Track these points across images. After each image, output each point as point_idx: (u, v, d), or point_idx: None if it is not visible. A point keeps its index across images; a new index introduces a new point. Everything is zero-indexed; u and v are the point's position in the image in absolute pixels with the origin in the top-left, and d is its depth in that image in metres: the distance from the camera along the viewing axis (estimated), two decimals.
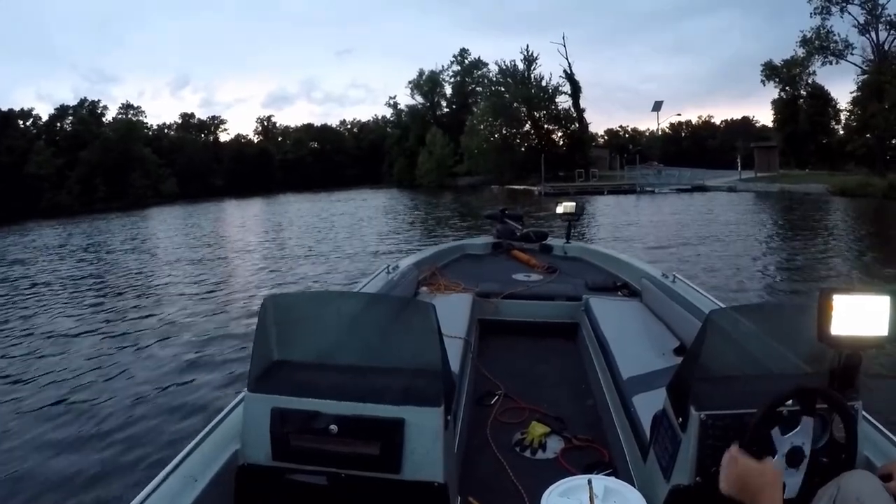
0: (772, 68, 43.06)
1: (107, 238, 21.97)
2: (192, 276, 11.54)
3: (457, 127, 54.33)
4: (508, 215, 5.70)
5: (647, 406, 1.94)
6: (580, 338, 3.51)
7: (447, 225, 19.69)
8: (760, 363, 1.56)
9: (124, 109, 62.33)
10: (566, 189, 33.60)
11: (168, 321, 7.66)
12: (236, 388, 4.21)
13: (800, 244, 12.80)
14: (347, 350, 1.70)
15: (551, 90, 51.24)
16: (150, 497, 1.37)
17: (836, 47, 36.55)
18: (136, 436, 4.22)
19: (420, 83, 64.06)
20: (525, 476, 2.10)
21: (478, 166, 50.22)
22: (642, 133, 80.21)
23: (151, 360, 6.03)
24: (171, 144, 63.11)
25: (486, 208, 12.64)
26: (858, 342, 1.37)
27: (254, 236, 19.59)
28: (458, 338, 2.80)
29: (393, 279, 3.65)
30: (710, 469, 1.40)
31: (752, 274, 9.67)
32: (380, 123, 73.59)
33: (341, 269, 11.34)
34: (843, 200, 23.98)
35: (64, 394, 5.14)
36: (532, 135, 51.59)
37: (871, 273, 9.45)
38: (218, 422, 1.71)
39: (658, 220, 19.34)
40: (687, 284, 3.34)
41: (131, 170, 50.72)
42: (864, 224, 17.23)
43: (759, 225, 17.20)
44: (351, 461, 1.48)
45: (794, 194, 27.76)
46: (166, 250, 16.71)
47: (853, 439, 1.39)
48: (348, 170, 70.47)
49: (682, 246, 12.83)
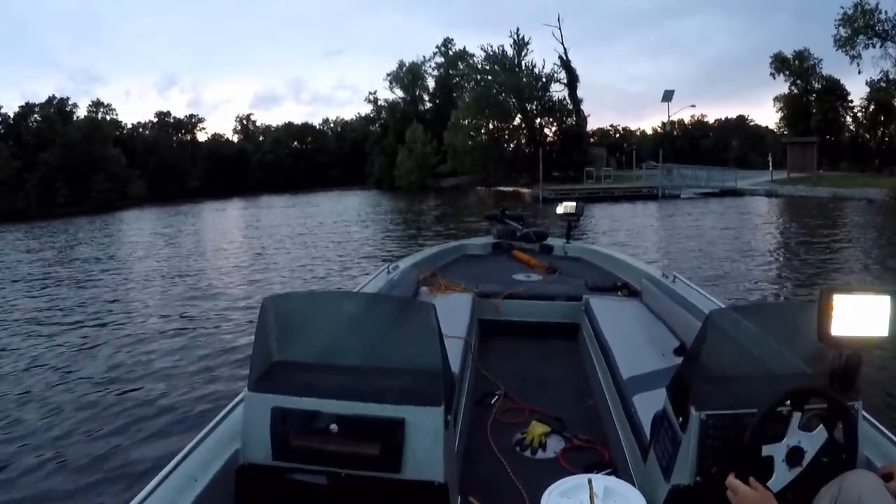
0: (782, 60, 39.81)
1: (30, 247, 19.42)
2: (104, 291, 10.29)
3: (440, 123, 48.02)
4: (509, 215, 5.71)
5: (648, 406, 1.94)
6: (580, 338, 3.52)
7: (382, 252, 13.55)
8: (761, 363, 1.56)
9: (94, 107, 57.71)
10: (571, 193, 26.78)
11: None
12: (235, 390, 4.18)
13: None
14: (348, 350, 1.70)
15: (545, 78, 44.37)
16: (150, 496, 1.37)
17: (881, 28, 31.76)
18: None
19: (400, 75, 57.09)
20: (525, 476, 2.11)
21: (463, 165, 44.79)
22: (633, 132, 78.55)
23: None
24: (145, 144, 59.37)
25: (465, 217, 11.37)
26: (859, 342, 1.36)
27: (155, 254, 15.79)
28: (458, 338, 2.80)
29: (393, 279, 3.66)
30: (710, 469, 1.40)
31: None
32: (363, 122, 67.47)
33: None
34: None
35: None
36: (523, 129, 45.35)
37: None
38: (218, 421, 1.71)
39: (724, 244, 13.02)
40: (687, 284, 3.34)
41: (95, 171, 46.36)
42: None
43: (872, 256, 11.47)
44: (351, 461, 1.48)
45: (849, 201, 22.56)
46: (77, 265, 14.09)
47: (854, 439, 1.39)
48: (331, 170, 66.73)
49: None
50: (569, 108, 44.68)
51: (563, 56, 43.71)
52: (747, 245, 12.88)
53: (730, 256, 11.26)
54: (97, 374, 5.69)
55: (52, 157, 45.34)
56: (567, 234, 5.44)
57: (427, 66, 57.52)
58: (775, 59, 40.46)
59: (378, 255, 12.94)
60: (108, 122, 57.30)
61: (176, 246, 17.54)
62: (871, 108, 37.64)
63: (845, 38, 33.56)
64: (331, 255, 13.69)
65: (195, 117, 70.00)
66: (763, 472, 1.31)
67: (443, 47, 56.69)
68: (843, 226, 16.43)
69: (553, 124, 45.07)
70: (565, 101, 44.70)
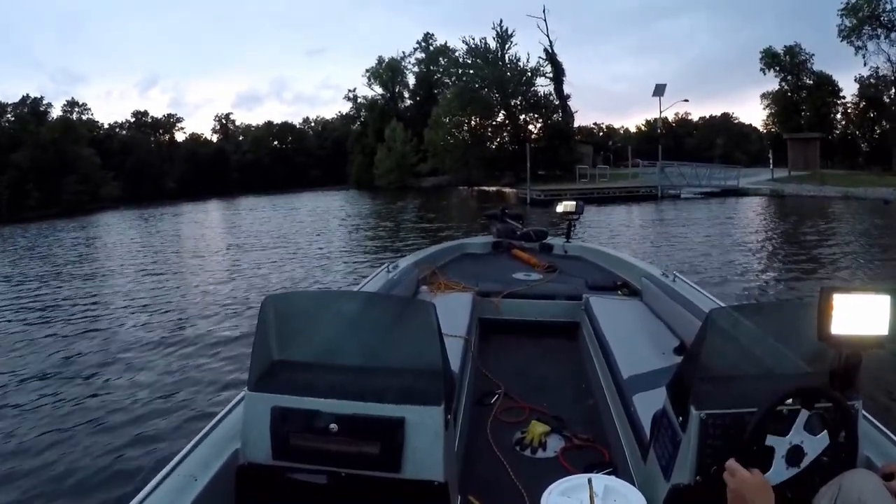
0: (772, 56, 38.85)
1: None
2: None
3: (421, 121, 45.94)
4: (508, 214, 5.71)
5: (648, 405, 1.94)
6: (580, 337, 3.52)
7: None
8: (761, 362, 1.56)
9: (69, 107, 56.63)
10: (562, 194, 23.28)
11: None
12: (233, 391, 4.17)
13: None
14: (348, 349, 1.70)
15: (530, 72, 42.01)
16: (150, 496, 1.37)
17: (886, 18, 31.10)
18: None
19: (379, 72, 54.93)
20: (525, 475, 2.11)
21: (444, 164, 42.67)
22: (617, 130, 77.45)
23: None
24: (122, 145, 58.11)
25: (447, 221, 9.61)
26: (859, 341, 1.36)
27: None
28: (458, 337, 2.80)
29: (393, 278, 3.65)
30: (710, 468, 1.40)
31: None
32: (344, 120, 65.66)
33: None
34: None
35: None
36: (507, 126, 42.85)
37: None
38: (218, 421, 1.71)
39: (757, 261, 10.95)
40: (687, 283, 3.34)
41: (68, 173, 44.86)
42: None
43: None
44: (351, 460, 1.48)
45: (863, 201, 21.19)
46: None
47: (854, 439, 1.39)
48: (312, 170, 65.28)
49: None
50: (555, 103, 42.53)
51: (549, 49, 41.58)
52: (772, 261, 10.91)
53: (760, 282, 9.07)
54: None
55: (24, 158, 43.83)
56: (567, 233, 5.44)
57: (407, 62, 55.54)
58: (765, 54, 39.50)
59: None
60: (83, 122, 55.56)
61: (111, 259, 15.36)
62: (862, 104, 37.25)
63: (850, 28, 32.61)
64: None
65: (173, 117, 68.54)
66: (763, 463, 1.31)
67: (423, 42, 54.62)
68: (869, 233, 14.38)
69: (538, 120, 42.68)
70: (551, 95, 42.52)
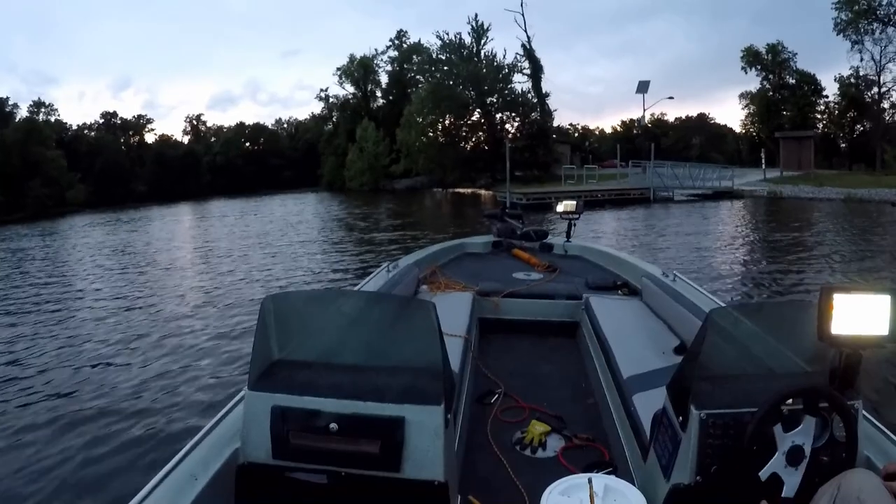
0: (754, 54, 38.19)
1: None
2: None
3: (394, 121, 44.52)
4: (509, 214, 5.72)
5: (648, 405, 1.94)
6: (580, 336, 3.52)
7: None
8: (761, 362, 1.56)
9: (35, 108, 54.88)
10: (546, 197, 21.92)
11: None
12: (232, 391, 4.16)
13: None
14: (348, 348, 1.70)
15: (507, 69, 40.19)
16: (150, 495, 1.37)
17: (882, 12, 30.54)
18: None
19: (350, 70, 53.11)
20: (525, 475, 2.11)
21: (417, 165, 41.02)
22: (592, 132, 76.82)
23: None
24: (90, 146, 55.84)
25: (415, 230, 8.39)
26: (859, 341, 1.36)
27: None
28: (458, 336, 2.81)
29: (393, 278, 3.65)
30: (710, 468, 1.40)
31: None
32: (317, 121, 63.88)
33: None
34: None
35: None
36: (483, 125, 41.07)
37: None
38: (218, 420, 1.71)
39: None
40: (687, 283, 3.34)
41: (33, 175, 42.79)
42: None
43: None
44: (351, 460, 1.48)
45: (867, 204, 20.03)
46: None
47: (853, 438, 1.39)
48: (284, 172, 63.81)
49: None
50: (533, 101, 40.56)
51: (527, 44, 39.84)
52: (804, 283, 8.82)
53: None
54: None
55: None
56: (567, 233, 5.44)
57: (380, 60, 53.74)
58: (747, 52, 38.83)
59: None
60: (50, 123, 53.37)
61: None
62: (843, 103, 36.97)
63: (846, 21, 32.21)
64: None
65: (143, 118, 66.53)
66: (762, 463, 1.33)
67: (397, 40, 52.67)
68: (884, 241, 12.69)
69: (516, 119, 40.84)
70: (529, 93, 40.58)
